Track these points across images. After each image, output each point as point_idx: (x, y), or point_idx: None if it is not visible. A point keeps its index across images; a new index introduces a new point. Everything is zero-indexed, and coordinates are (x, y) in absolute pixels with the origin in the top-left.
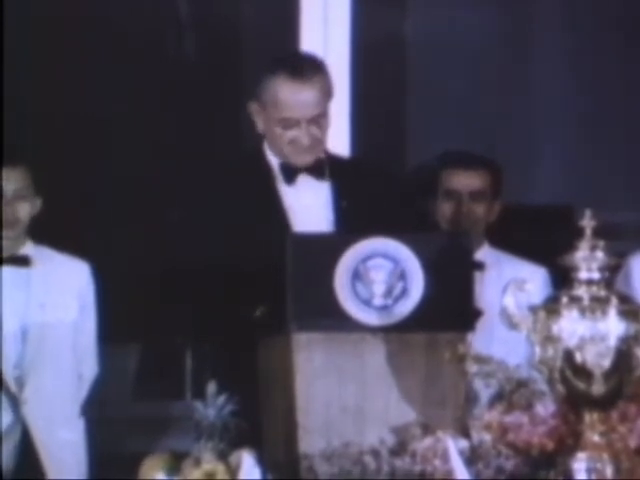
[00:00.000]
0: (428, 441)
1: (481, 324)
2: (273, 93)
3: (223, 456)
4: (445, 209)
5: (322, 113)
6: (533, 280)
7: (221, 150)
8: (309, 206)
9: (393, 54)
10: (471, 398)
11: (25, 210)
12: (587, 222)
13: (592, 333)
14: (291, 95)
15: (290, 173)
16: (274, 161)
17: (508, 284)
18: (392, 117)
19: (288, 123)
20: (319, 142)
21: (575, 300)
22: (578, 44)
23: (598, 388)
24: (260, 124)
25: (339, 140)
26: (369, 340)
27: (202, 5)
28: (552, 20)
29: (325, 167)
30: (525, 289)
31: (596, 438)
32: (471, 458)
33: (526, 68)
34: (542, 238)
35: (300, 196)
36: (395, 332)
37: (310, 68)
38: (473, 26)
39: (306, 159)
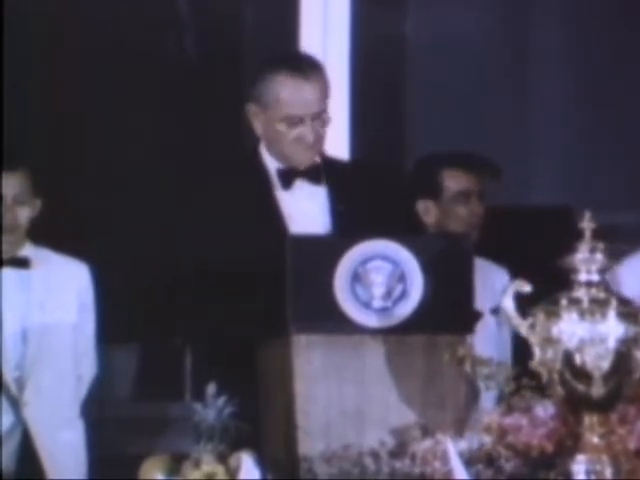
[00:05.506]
0: (428, 443)
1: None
2: (275, 92)
3: (223, 458)
4: (444, 211)
5: (324, 110)
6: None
7: (221, 150)
8: (306, 211)
9: (392, 54)
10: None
11: (25, 214)
12: (586, 224)
13: (592, 335)
14: (294, 92)
15: (287, 178)
16: (271, 166)
17: (507, 286)
18: (391, 117)
19: (292, 121)
20: (321, 140)
21: (575, 302)
22: (578, 44)
23: (597, 390)
24: (259, 126)
25: (338, 140)
26: (369, 342)
27: (202, 6)
28: (552, 20)
29: (321, 171)
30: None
31: (595, 440)
32: (470, 460)
33: (526, 68)
34: (541, 239)
35: (297, 201)
36: (395, 334)
37: (309, 66)
38: (473, 26)
39: (307, 158)
